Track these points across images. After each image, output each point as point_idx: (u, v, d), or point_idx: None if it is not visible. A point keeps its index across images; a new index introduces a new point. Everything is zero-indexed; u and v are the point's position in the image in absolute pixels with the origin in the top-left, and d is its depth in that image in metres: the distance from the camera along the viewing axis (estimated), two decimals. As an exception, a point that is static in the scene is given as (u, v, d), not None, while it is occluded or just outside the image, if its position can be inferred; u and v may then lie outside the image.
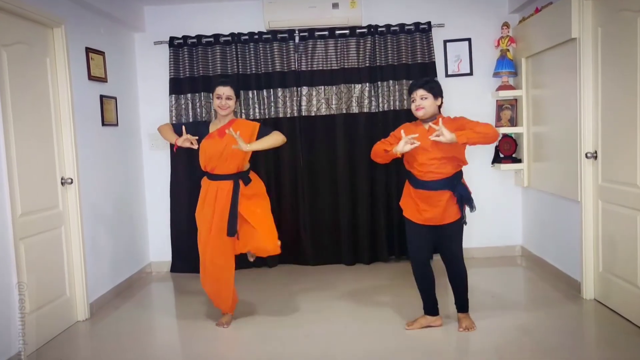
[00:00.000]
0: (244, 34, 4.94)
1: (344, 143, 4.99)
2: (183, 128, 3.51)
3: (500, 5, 5.01)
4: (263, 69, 4.97)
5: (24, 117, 3.41)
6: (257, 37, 4.94)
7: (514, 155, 4.94)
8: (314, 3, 4.85)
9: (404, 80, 4.88)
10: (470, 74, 5.04)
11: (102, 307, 4.15)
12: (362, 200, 5.00)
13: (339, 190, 5.02)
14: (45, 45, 3.70)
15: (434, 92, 3.21)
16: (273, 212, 3.77)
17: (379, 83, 4.95)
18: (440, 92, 3.26)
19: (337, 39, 4.94)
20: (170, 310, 4.26)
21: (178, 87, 4.98)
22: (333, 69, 4.96)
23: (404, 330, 3.44)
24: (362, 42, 4.93)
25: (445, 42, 5.02)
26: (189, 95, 4.98)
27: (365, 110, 4.95)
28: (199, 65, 4.97)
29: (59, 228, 3.75)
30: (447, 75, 5.03)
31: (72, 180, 3.83)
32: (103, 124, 4.37)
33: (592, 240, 3.82)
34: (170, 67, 4.98)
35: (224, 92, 3.55)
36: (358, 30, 4.92)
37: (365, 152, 4.93)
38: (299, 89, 4.99)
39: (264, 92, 4.98)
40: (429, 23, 4.91)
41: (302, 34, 4.95)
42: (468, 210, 3.30)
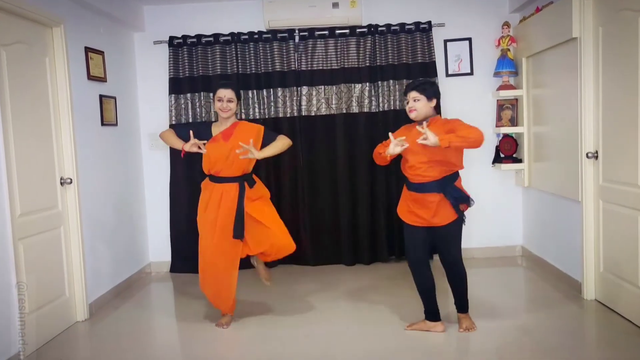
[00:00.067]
0: (244, 34, 4.94)
1: (344, 143, 4.98)
2: (191, 133, 3.48)
3: (501, 5, 5.00)
4: (263, 69, 4.96)
5: (23, 116, 3.40)
6: (257, 36, 4.93)
7: (515, 155, 4.94)
8: (314, 2, 4.84)
9: (404, 80, 4.86)
10: (471, 74, 5.03)
11: (101, 307, 4.14)
12: (362, 200, 5.00)
13: (339, 190, 5.01)
14: (45, 45, 3.70)
15: (427, 93, 3.19)
16: (273, 212, 3.77)
17: (379, 83, 4.94)
18: (435, 93, 3.23)
19: (337, 39, 4.93)
20: (170, 311, 4.25)
21: (177, 86, 4.97)
22: (333, 69, 4.95)
23: (404, 331, 3.44)
24: (362, 41, 4.92)
25: (446, 41, 5.01)
26: (189, 95, 4.98)
27: (366, 110, 4.94)
28: (199, 65, 4.96)
29: (58, 228, 3.75)
30: (447, 75, 5.03)
31: (71, 180, 3.82)
32: (102, 124, 4.37)
33: (592, 241, 3.81)
34: (170, 66, 4.97)
35: (225, 94, 3.53)
36: (358, 30, 4.91)
37: (366, 152, 4.93)
38: (299, 89, 4.98)
39: (264, 91, 4.97)
40: (430, 22, 4.90)
41: (302, 34, 4.94)
42: (468, 210, 3.29)
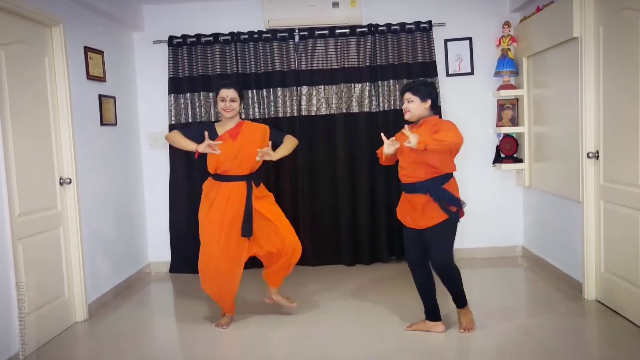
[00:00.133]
0: (244, 33, 4.92)
1: (344, 143, 4.96)
2: (206, 134, 3.45)
3: (502, 4, 4.98)
4: (263, 69, 4.95)
5: (22, 116, 3.39)
6: (256, 36, 4.92)
7: (515, 155, 4.92)
8: (314, 2, 4.83)
9: (405, 80, 4.84)
10: (471, 74, 5.02)
11: (100, 307, 4.13)
12: (362, 201, 4.98)
13: (339, 190, 5.00)
14: (44, 45, 3.68)
15: (420, 94, 3.19)
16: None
17: (379, 82, 4.93)
18: (429, 93, 3.21)
19: (337, 38, 4.92)
20: (170, 311, 4.24)
21: (177, 86, 4.96)
22: (333, 69, 4.94)
23: (404, 331, 3.43)
24: (362, 41, 4.91)
25: (446, 41, 5.00)
26: (188, 95, 4.96)
27: (366, 110, 4.93)
28: (198, 65, 4.95)
29: (58, 228, 3.74)
30: (447, 75, 5.02)
31: (70, 180, 3.81)
32: (102, 124, 4.35)
33: (593, 241, 3.80)
34: (170, 66, 4.96)
35: (228, 94, 3.52)
36: (358, 30, 4.89)
37: (366, 152, 4.93)
38: (299, 89, 4.97)
39: (264, 91, 4.96)
40: (430, 22, 4.89)
41: (302, 33, 4.93)
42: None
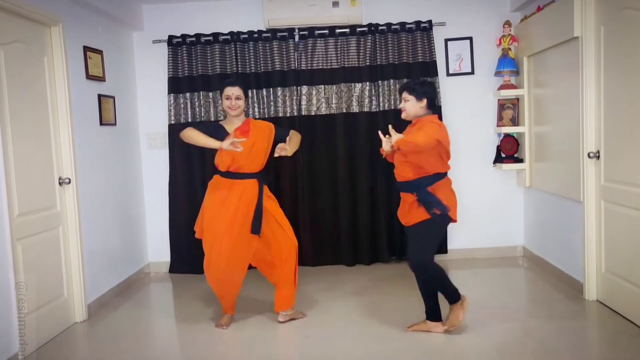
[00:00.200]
0: (244, 33, 4.91)
1: (344, 143, 4.95)
2: (232, 131, 3.46)
3: (502, 4, 4.97)
4: (262, 68, 4.94)
5: (22, 116, 3.38)
6: (256, 35, 4.91)
7: (516, 155, 4.91)
8: (314, 1, 4.82)
9: (405, 80, 4.82)
10: (472, 73, 5.01)
11: (100, 308, 4.12)
12: (362, 201, 4.97)
13: (339, 190, 4.99)
14: (43, 44, 3.67)
15: (416, 93, 3.21)
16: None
17: (380, 82, 4.92)
18: (425, 93, 3.21)
19: (337, 38, 4.91)
20: (169, 312, 4.24)
21: (177, 86, 4.95)
22: (333, 68, 4.93)
23: (405, 331, 3.42)
24: (362, 40, 4.90)
25: (447, 40, 4.99)
26: (188, 95, 4.95)
27: (366, 110, 4.92)
28: (198, 64, 4.94)
29: (57, 228, 3.73)
30: (448, 75, 5.00)
31: (69, 180, 3.80)
32: (101, 124, 4.34)
33: (594, 241, 3.79)
34: (169, 66, 4.95)
35: (233, 92, 3.52)
36: (358, 29, 4.88)
37: (366, 152, 4.92)
38: (299, 88, 4.96)
39: (264, 91, 4.95)
40: (430, 22, 4.88)
41: (302, 33, 4.92)
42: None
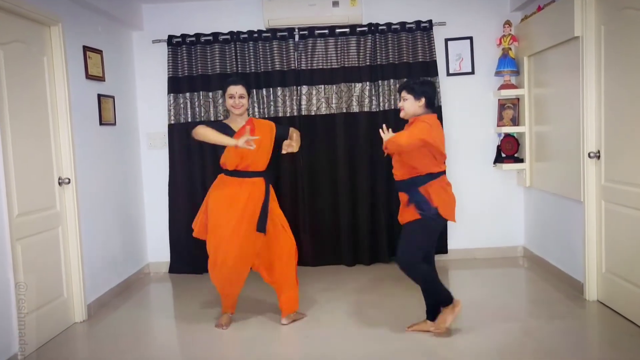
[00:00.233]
0: (243, 33, 4.91)
1: (344, 143, 4.94)
2: (247, 128, 3.47)
3: (502, 4, 4.96)
4: (262, 68, 4.93)
5: (21, 116, 3.37)
6: (256, 35, 4.90)
7: (516, 155, 4.90)
8: (314, 1, 4.81)
9: (405, 79, 4.83)
10: (472, 73, 5.00)
11: (100, 308, 4.11)
12: (362, 201, 4.96)
13: (339, 190, 4.98)
14: (43, 44, 3.67)
15: (414, 92, 3.22)
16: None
17: (380, 82, 4.91)
18: (424, 92, 3.22)
19: (337, 38, 4.90)
20: (169, 312, 4.23)
21: (176, 86, 4.94)
22: (333, 68, 4.92)
23: (405, 331, 3.41)
24: (362, 40, 4.89)
25: (447, 40, 4.98)
26: (187, 95, 4.95)
27: (366, 110, 4.91)
28: (198, 64, 4.93)
29: (56, 228, 3.72)
30: (448, 74, 5.00)
31: (69, 180, 3.79)
32: (101, 123, 4.34)
33: (595, 241, 3.78)
34: (169, 65, 4.94)
35: (237, 91, 3.51)
36: (358, 29, 4.88)
37: (366, 151, 4.91)
38: (299, 88, 4.95)
39: (264, 91, 4.94)
40: (430, 21, 4.87)
41: (302, 33, 4.91)
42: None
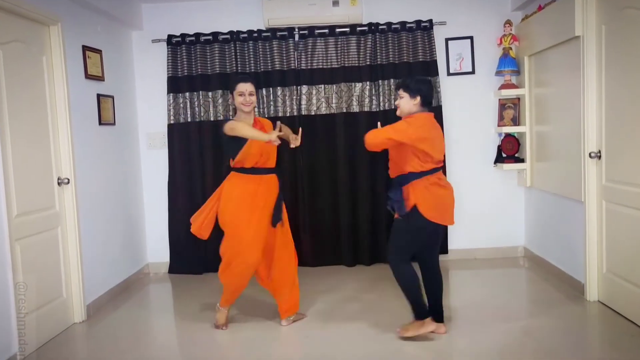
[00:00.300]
0: (243, 32, 4.89)
1: (344, 142, 4.93)
2: (278, 123, 3.53)
3: (503, 3, 4.95)
4: (262, 68, 4.92)
5: (20, 116, 3.36)
6: (256, 35, 4.89)
7: (517, 155, 4.89)
8: (314, 1, 4.80)
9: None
10: (472, 73, 4.99)
11: (99, 309, 4.10)
12: (362, 201, 4.95)
13: (339, 190, 4.97)
14: (42, 44, 3.66)
15: (409, 90, 3.24)
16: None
17: (380, 82, 4.90)
18: (419, 90, 3.22)
19: (337, 37, 4.89)
20: (169, 312, 4.22)
21: (176, 85, 4.93)
22: (333, 68, 4.91)
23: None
24: (362, 40, 4.88)
25: (447, 40, 4.97)
26: (187, 94, 4.94)
27: (366, 109, 4.90)
28: (197, 64, 4.92)
29: (56, 229, 3.71)
30: (449, 74, 4.99)
31: (68, 180, 3.78)
32: (100, 123, 4.33)
33: (595, 241, 3.78)
34: (168, 65, 4.93)
35: (246, 88, 3.52)
36: (359, 28, 4.86)
37: (366, 151, 4.85)
38: (299, 88, 4.94)
39: (264, 90, 4.93)
40: (431, 21, 4.86)
41: (301, 32, 4.90)
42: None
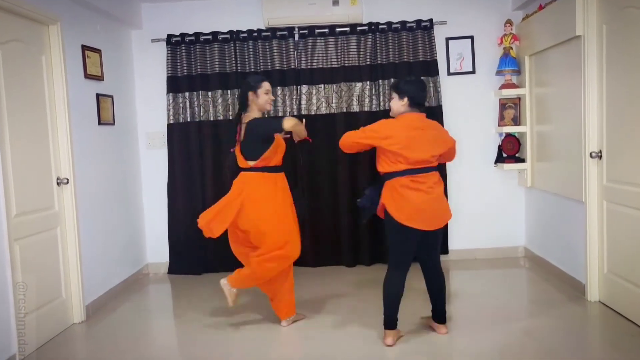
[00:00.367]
0: (243, 32, 4.88)
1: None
2: (304, 121, 3.55)
3: (504, 3, 4.94)
4: (262, 67, 4.91)
5: (19, 115, 3.35)
6: (256, 34, 4.88)
7: (517, 155, 4.88)
8: (314, 0, 4.79)
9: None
10: (473, 72, 4.98)
11: (98, 309, 4.09)
12: (362, 200, 4.94)
13: (339, 190, 4.96)
14: (41, 43, 3.65)
15: (398, 91, 3.26)
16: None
17: (380, 81, 4.89)
18: (407, 91, 3.22)
19: (337, 37, 4.88)
20: (168, 312, 4.22)
21: (175, 85, 4.92)
22: (333, 67, 4.90)
23: (406, 331, 3.38)
24: (362, 39, 4.87)
25: (448, 39, 4.96)
26: (187, 94, 4.93)
27: (366, 109, 4.89)
28: (197, 64, 4.91)
29: (55, 229, 3.70)
30: (449, 74, 4.98)
31: (68, 180, 3.77)
32: (99, 123, 4.32)
33: (596, 241, 3.77)
34: (168, 65, 4.92)
35: (270, 87, 3.57)
36: (359, 28, 4.85)
37: (366, 151, 4.86)
38: (299, 88, 4.93)
39: (264, 90, 4.93)
40: (431, 20, 4.85)
41: (301, 32, 4.89)
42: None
